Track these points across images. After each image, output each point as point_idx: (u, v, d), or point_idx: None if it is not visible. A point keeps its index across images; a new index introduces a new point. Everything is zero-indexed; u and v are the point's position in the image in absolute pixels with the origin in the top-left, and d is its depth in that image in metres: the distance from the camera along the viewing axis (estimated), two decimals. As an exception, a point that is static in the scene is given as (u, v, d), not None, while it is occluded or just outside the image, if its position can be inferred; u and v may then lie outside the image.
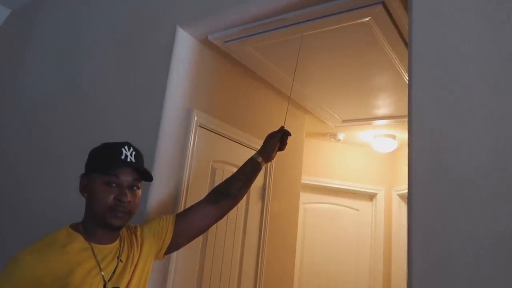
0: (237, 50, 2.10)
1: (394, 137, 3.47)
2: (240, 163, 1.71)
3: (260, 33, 1.91)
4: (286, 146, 1.75)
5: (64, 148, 2.27)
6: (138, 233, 1.36)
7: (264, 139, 1.73)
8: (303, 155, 3.10)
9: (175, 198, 1.90)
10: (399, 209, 3.84)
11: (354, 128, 3.39)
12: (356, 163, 3.96)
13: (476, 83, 1.12)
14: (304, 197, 3.64)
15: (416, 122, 1.19)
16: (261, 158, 1.66)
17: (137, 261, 1.28)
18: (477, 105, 1.11)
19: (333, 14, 1.71)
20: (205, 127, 2.11)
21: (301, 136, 3.10)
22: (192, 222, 1.49)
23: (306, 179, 3.42)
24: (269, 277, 2.56)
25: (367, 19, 1.72)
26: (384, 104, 2.81)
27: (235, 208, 2.31)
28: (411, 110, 1.21)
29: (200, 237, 2.02)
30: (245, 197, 2.43)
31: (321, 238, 3.82)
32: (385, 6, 1.63)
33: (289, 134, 1.75)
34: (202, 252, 2.06)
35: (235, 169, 2.18)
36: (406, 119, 2.24)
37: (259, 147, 1.73)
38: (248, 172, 1.64)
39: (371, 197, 4.00)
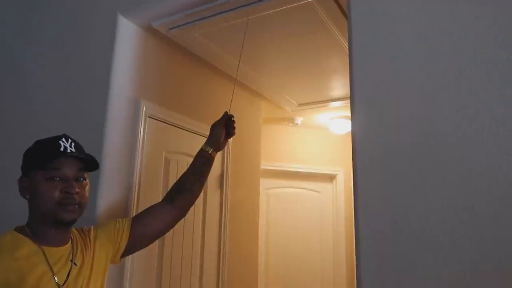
0: (183, 37, 2.04)
1: (350, 118, 3.51)
2: (195, 152, 1.67)
3: (205, 18, 1.85)
4: (235, 130, 1.72)
5: (4, 147, 2.14)
6: (92, 235, 1.29)
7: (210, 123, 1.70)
8: (262, 141, 3.09)
9: (127, 194, 1.84)
10: (359, 188, 3.93)
11: (310, 111, 3.40)
12: (314, 146, 4.00)
13: (416, 54, 1.13)
14: (266, 183, 3.65)
15: (358, 101, 1.20)
16: (210, 148, 1.62)
17: (92, 264, 1.22)
18: (418, 78, 1.12)
19: (276, -4, 1.69)
20: (155, 118, 2.05)
21: (258, 122, 3.08)
22: (149, 224, 1.43)
23: (266, 165, 3.42)
24: (233, 265, 2.55)
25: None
26: (338, 86, 2.83)
27: (192, 199, 2.30)
28: (352, 89, 1.21)
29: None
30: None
31: (285, 222, 3.86)
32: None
33: (232, 118, 1.72)
34: (160, 246, 2.01)
35: (190, 159, 2.14)
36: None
37: (203, 134, 1.70)
38: (199, 164, 1.59)
39: (331, 178, 4.07)
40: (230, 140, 2.66)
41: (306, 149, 3.97)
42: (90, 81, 1.91)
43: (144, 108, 1.97)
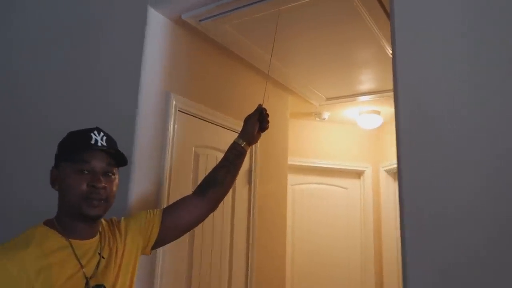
0: (213, 29, 2.01)
1: (378, 112, 3.43)
2: (224, 147, 1.64)
3: (235, 9, 1.82)
4: (269, 124, 1.69)
5: (36, 142, 2.16)
6: (122, 226, 1.27)
7: (240, 118, 1.67)
8: (289, 136, 3.05)
9: (158, 188, 1.83)
10: (387, 185, 3.83)
11: (338, 106, 3.34)
12: (342, 141, 3.93)
13: (462, 51, 1.07)
14: (292, 178, 3.60)
15: (402, 94, 1.14)
16: (243, 142, 1.58)
17: (122, 256, 1.20)
18: (464, 73, 1.06)
19: (310, -15, 1.64)
20: (185, 111, 2.03)
21: (285, 117, 3.04)
22: (180, 217, 1.41)
23: (292, 160, 3.37)
24: (261, 259, 2.53)
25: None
26: (367, 79, 2.76)
27: (221, 194, 2.28)
28: (396, 82, 1.15)
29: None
30: (231, 182, 2.39)
31: (311, 218, 3.80)
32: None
33: (266, 111, 1.68)
34: (190, 240, 2.00)
35: (219, 154, 2.13)
36: (390, 94, 2.20)
37: (234, 129, 1.66)
38: (232, 157, 1.56)
39: (358, 174, 3.99)
40: (258, 134, 2.64)
41: (333, 145, 3.90)
42: (121, 75, 1.91)
43: (174, 102, 1.95)
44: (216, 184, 1.49)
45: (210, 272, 2.12)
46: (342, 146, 3.92)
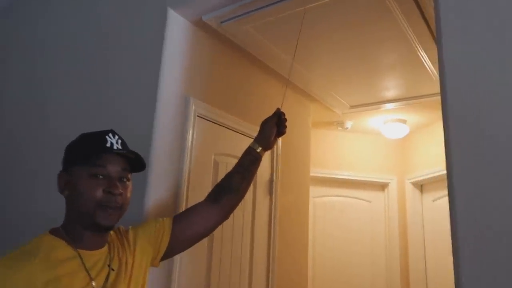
0: (234, 31, 1.93)
1: (404, 121, 3.29)
2: None
3: (258, 9, 1.73)
4: (287, 129, 1.58)
5: (50, 145, 2.10)
6: (131, 237, 1.17)
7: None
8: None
9: (175, 196, 1.73)
10: (414, 198, 3.65)
11: (362, 114, 3.21)
12: (365, 152, 3.78)
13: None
14: (313, 190, 3.46)
15: (451, 83, 1.01)
16: (259, 147, 1.49)
17: (132, 268, 1.10)
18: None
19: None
20: (204, 117, 1.94)
21: (308, 125, 2.92)
22: (192, 224, 1.31)
23: (313, 171, 3.24)
24: (281, 275, 2.39)
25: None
26: (394, 85, 2.63)
27: (241, 204, 2.17)
28: (443, 70, 1.03)
29: (205, 236, 1.85)
30: (251, 192, 2.28)
31: (333, 233, 3.64)
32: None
33: (284, 115, 1.57)
34: (209, 251, 1.89)
35: None
36: (418, 101, 2.03)
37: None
38: (246, 163, 1.47)
39: (382, 187, 3.82)
40: (280, 143, 2.53)
41: (356, 155, 3.75)
42: (139, 77, 1.83)
43: (194, 107, 1.86)
44: (231, 191, 1.39)
45: (229, 286, 1.99)
46: (365, 157, 3.76)
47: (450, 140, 1.00)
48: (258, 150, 1.49)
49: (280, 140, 2.52)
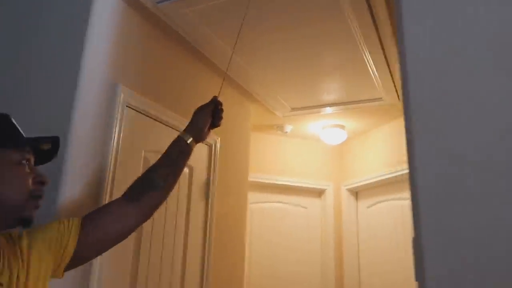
0: (172, 14, 1.74)
1: (343, 127, 3.28)
2: None
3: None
4: (222, 122, 1.42)
5: None
6: (24, 243, 0.92)
7: None
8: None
9: (95, 196, 1.49)
10: (349, 204, 3.66)
11: (302, 118, 3.15)
12: (303, 157, 3.73)
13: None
14: (250, 196, 3.33)
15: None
16: (190, 137, 1.31)
17: (26, 282, 0.86)
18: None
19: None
20: (134, 108, 1.72)
21: (247, 127, 2.78)
22: (105, 226, 1.09)
23: (250, 176, 3.11)
24: (217, 283, 2.20)
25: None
26: (336, 88, 2.58)
27: (174, 206, 1.96)
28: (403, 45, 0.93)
29: (131, 241, 1.63)
30: (185, 194, 2.07)
31: (270, 239, 3.52)
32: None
33: (221, 105, 1.41)
34: (135, 258, 1.66)
35: None
36: (357, 106, 1.96)
37: None
38: (174, 155, 1.29)
39: (319, 193, 3.79)
40: (218, 144, 2.36)
41: (293, 161, 3.68)
42: (59, 59, 1.57)
43: (122, 96, 1.63)
44: (154, 187, 1.19)
45: (157, 300, 1.77)
46: (303, 162, 3.71)
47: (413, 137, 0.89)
48: (188, 141, 1.30)
49: (218, 139, 2.35)
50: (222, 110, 1.42)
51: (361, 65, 2.18)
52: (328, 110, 2.89)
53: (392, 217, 3.23)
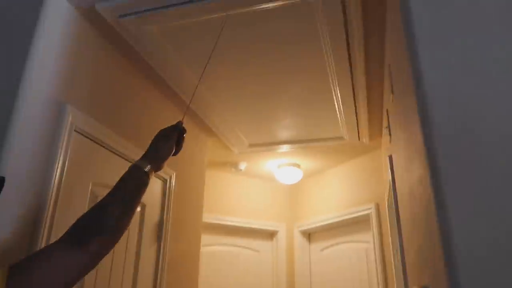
0: (134, 30, 1.55)
1: (298, 166, 3.19)
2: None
3: (171, 5, 1.41)
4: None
5: None
6: None
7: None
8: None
9: (29, 237, 1.21)
10: (302, 247, 3.51)
11: (257, 156, 3.01)
12: (255, 196, 3.56)
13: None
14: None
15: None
16: (149, 166, 1.07)
17: None
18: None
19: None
20: (84, 134, 1.48)
21: (203, 164, 2.59)
22: (41, 276, 0.83)
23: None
24: None
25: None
26: (299, 124, 2.48)
27: (122, 250, 1.68)
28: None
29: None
30: (135, 237, 1.81)
31: (219, 286, 3.23)
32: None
33: (185, 132, 1.22)
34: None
35: None
36: (313, 145, 1.88)
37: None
38: (130, 189, 1.04)
39: (271, 235, 3.61)
40: (173, 179, 2.13)
41: (245, 201, 3.49)
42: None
43: (70, 117, 1.39)
44: (104, 229, 0.94)
45: None
46: (255, 202, 3.53)
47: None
48: (146, 170, 1.07)
49: (174, 174, 2.13)
50: (183, 139, 1.23)
51: (328, 99, 2.12)
52: (286, 148, 2.79)
53: (346, 261, 3.13)
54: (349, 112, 2.23)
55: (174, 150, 1.18)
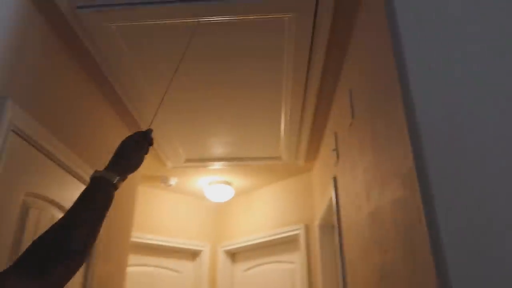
0: (91, 26, 1.40)
1: (230, 184, 3.14)
2: (67, 202, 0.99)
3: (139, 3, 1.31)
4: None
5: None
6: None
7: (95, 166, 1.01)
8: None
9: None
10: (225, 268, 3.42)
11: (189, 172, 2.90)
12: (181, 214, 3.40)
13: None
14: (119, 258, 2.82)
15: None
16: (117, 177, 0.92)
17: None
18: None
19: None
20: (23, 136, 1.27)
21: (136, 177, 2.41)
22: None
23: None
24: None
25: (289, 15, 1.38)
26: (240, 141, 2.45)
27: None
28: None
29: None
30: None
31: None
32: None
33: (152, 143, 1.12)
34: None
35: (58, 213, 1.41)
36: (253, 162, 1.89)
37: (87, 181, 0.96)
38: (99, 206, 0.87)
39: (194, 255, 3.47)
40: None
41: (169, 218, 3.32)
42: None
43: (9, 114, 1.19)
44: (69, 256, 0.78)
45: None
46: (180, 220, 3.37)
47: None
48: (115, 182, 0.92)
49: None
50: (148, 151, 1.11)
51: (274, 119, 2.14)
52: (220, 165, 2.73)
53: (270, 281, 3.13)
54: (292, 133, 2.27)
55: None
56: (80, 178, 1.59)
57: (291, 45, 1.53)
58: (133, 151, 0.98)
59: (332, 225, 2.52)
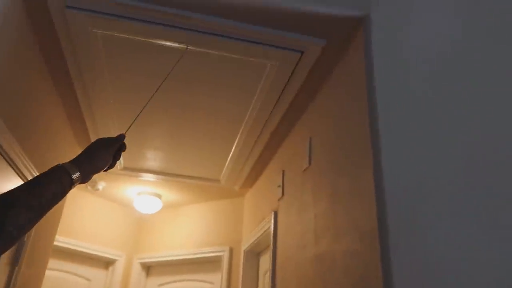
0: (75, 28, 1.35)
1: (160, 196, 3.09)
2: None
3: (135, 19, 1.31)
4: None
5: None
6: None
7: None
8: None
9: None
10: (139, 280, 3.32)
11: (120, 178, 2.80)
12: (104, 220, 3.24)
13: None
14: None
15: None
16: (77, 174, 0.87)
17: None
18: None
19: (243, 40, 1.38)
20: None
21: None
22: None
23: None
24: None
25: (272, 63, 1.48)
26: (181, 159, 2.46)
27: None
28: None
29: None
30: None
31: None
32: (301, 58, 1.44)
33: (125, 148, 1.11)
34: None
35: None
36: (191, 180, 1.89)
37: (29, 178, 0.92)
38: (48, 195, 0.81)
39: (107, 264, 3.32)
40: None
41: (90, 222, 3.14)
42: None
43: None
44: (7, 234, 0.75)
45: None
46: (101, 227, 3.22)
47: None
48: (74, 177, 0.87)
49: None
50: (120, 156, 1.10)
51: (226, 146, 2.19)
52: (153, 177, 2.69)
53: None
54: (239, 161, 2.34)
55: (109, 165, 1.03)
56: (21, 174, 1.49)
57: (265, 86, 1.62)
58: (100, 152, 0.95)
59: (259, 252, 2.62)
